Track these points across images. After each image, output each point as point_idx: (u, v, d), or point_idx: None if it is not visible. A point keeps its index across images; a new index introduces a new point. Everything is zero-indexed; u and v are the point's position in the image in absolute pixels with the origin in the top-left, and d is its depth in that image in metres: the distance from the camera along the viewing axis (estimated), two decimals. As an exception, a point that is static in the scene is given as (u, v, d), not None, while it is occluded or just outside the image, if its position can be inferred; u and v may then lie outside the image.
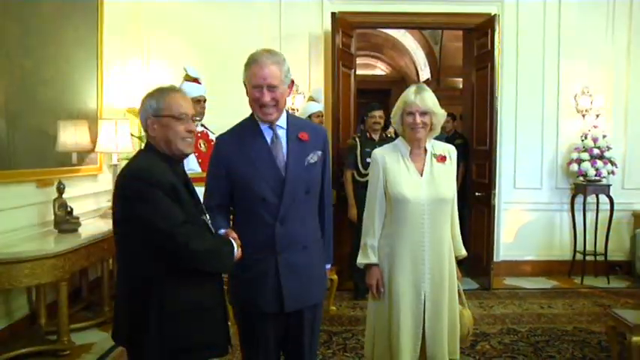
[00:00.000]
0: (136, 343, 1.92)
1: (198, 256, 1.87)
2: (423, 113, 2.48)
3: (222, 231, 2.09)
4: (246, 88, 2.18)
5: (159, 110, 1.96)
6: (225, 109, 4.70)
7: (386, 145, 2.67)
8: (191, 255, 1.85)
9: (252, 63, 2.12)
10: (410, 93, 2.51)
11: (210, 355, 2.02)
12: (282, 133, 2.21)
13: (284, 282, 2.13)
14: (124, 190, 1.89)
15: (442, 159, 2.55)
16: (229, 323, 2.16)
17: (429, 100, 2.48)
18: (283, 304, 2.14)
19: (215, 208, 2.19)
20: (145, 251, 1.87)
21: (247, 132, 2.20)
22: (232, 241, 2.03)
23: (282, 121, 2.22)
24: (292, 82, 2.24)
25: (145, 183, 1.84)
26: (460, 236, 2.69)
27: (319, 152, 2.25)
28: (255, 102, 2.14)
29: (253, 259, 2.13)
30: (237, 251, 2.02)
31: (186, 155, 2.04)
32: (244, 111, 2.30)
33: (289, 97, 2.44)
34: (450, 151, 2.61)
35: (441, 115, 2.53)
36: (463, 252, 2.68)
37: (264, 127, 2.19)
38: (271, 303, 2.14)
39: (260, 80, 2.10)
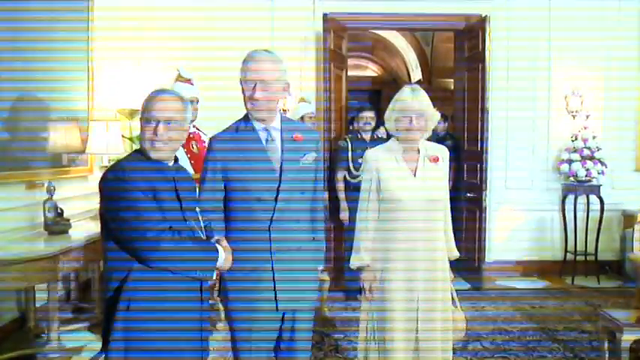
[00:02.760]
0: (106, 343, 1.93)
1: (170, 256, 1.85)
2: (419, 115, 2.47)
3: (215, 238, 2.09)
4: (242, 86, 2.18)
5: (141, 112, 1.98)
6: (218, 110, 4.68)
7: (379, 146, 2.67)
8: (162, 255, 1.83)
9: (249, 59, 2.14)
10: (405, 94, 2.50)
11: None
12: (276, 135, 2.22)
13: (278, 282, 2.14)
14: (101, 187, 1.91)
15: (435, 160, 2.56)
16: (218, 327, 2.14)
17: (424, 101, 2.48)
18: (277, 304, 2.14)
19: (210, 209, 2.18)
20: (119, 249, 1.87)
21: (242, 133, 2.20)
22: (219, 249, 2.01)
23: (276, 123, 2.23)
24: (288, 85, 2.24)
25: (120, 180, 1.85)
26: (453, 237, 2.70)
27: (313, 153, 2.26)
28: (248, 98, 2.14)
29: (248, 260, 2.13)
30: (223, 259, 2.00)
31: (157, 159, 1.96)
32: (237, 112, 2.29)
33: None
34: (443, 151, 2.62)
35: (435, 116, 2.53)
36: (456, 253, 2.69)
37: (259, 128, 2.20)
38: (265, 303, 2.14)
39: (254, 75, 2.10)
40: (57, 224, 3.86)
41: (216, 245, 2.04)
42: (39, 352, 3.61)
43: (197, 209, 2.13)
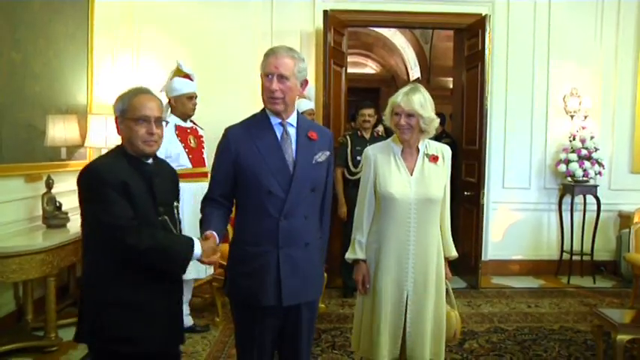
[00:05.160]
0: (80, 334, 2.05)
1: (137, 251, 1.90)
2: (409, 115, 2.48)
3: (206, 233, 2.12)
4: (262, 80, 2.20)
5: (123, 112, 2.04)
6: (216, 105, 4.71)
7: (379, 143, 2.68)
8: (128, 249, 1.90)
9: (269, 53, 2.17)
10: (398, 93, 2.53)
11: (147, 350, 2.05)
12: (292, 131, 2.23)
13: (284, 277, 2.14)
14: (78, 184, 2.01)
15: (434, 159, 2.57)
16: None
17: (415, 101, 2.47)
18: (281, 298, 2.14)
19: (218, 197, 2.22)
20: (91, 242, 1.99)
21: (258, 126, 2.22)
22: (195, 242, 2.03)
23: (292, 119, 2.24)
24: (306, 82, 2.26)
25: (92, 178, 1.94)
26: (451, 237, 2.70)
27: (327, 152, 2.28)
28: (264, 91, 2.17)
29: (254, 253, 2.15)
30: (198, 253, 2.02)
31: (149, 155, 2.09)
32: (235, 107, 2.30)
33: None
34: (444, 151, 2.63)
35: (429, 118, 2.50)
36: (453, 253, 2.69)
37: (275, 123, 2.21)
38: (270, 297, 2.14)
39: (272, 68, 2.13)
40: (55, 218, 3.87)
41: (193, 239, 2.05)
42: (36, 345, 3.62)
43: (175, 204, 2.19)
